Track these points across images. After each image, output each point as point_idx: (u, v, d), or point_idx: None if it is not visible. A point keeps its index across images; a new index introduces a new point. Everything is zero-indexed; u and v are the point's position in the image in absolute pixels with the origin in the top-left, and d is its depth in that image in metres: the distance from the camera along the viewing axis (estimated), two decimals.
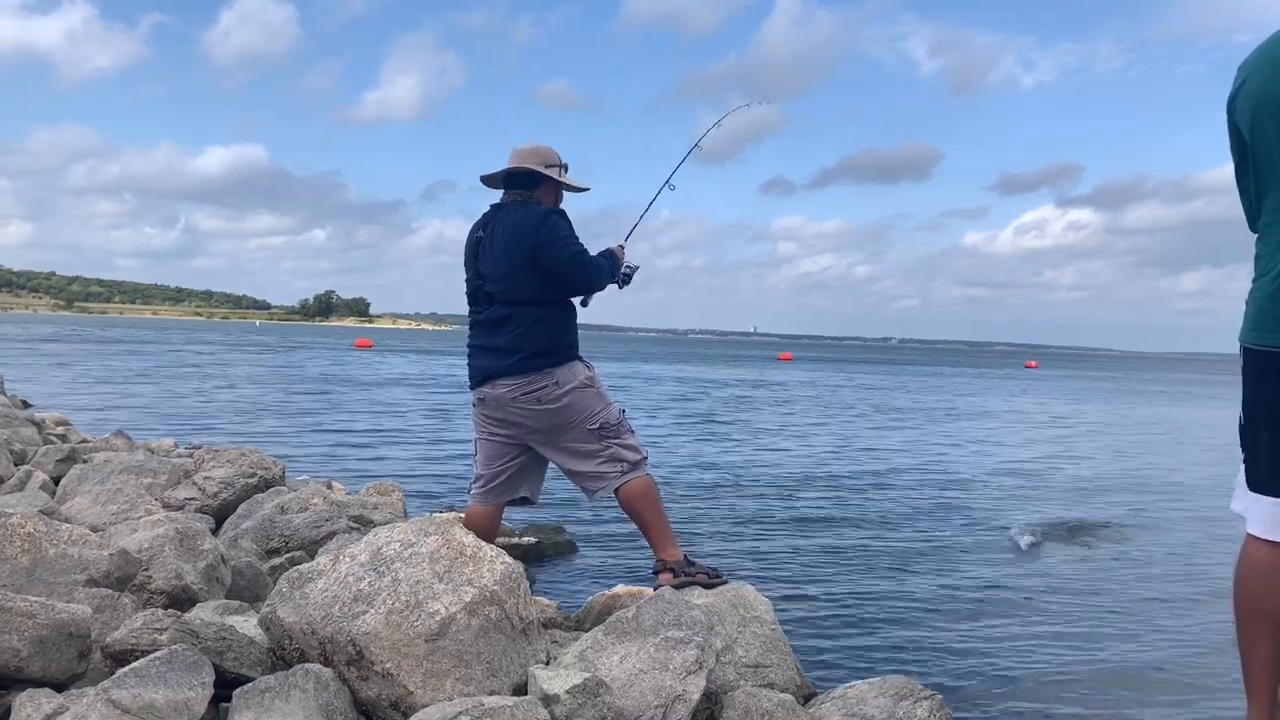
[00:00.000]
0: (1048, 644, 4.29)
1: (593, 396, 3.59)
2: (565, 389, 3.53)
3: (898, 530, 6.89)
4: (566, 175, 3.79)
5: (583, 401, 3.56)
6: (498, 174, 3.79)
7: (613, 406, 3.65)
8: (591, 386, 3.60)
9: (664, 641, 2.67)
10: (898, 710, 2.64)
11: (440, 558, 2.63)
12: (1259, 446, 2.25)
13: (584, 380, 3.58)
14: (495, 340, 3.60)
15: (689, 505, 7.62)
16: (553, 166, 3.73)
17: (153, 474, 4.93)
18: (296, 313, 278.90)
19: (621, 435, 3.61)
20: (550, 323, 3.58)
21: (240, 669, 2.40)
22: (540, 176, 3.70)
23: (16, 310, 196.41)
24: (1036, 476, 10.28)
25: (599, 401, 3.60)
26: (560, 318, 3.62)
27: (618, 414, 3.65)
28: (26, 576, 2.83)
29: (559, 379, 3.53)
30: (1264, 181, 2.25)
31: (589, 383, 3.60)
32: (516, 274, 3.56)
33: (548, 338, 3.55)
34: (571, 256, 3.53)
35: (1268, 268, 2.24)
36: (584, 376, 3.59)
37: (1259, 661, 2.29)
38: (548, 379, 3.52)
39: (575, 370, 3.58)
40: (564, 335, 3.61)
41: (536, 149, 3.75)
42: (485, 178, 3.84)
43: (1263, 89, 2.18)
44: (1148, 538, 6.90)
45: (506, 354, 3.55)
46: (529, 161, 3.71)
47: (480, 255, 3.67)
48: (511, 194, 3.74)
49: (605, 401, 3.63)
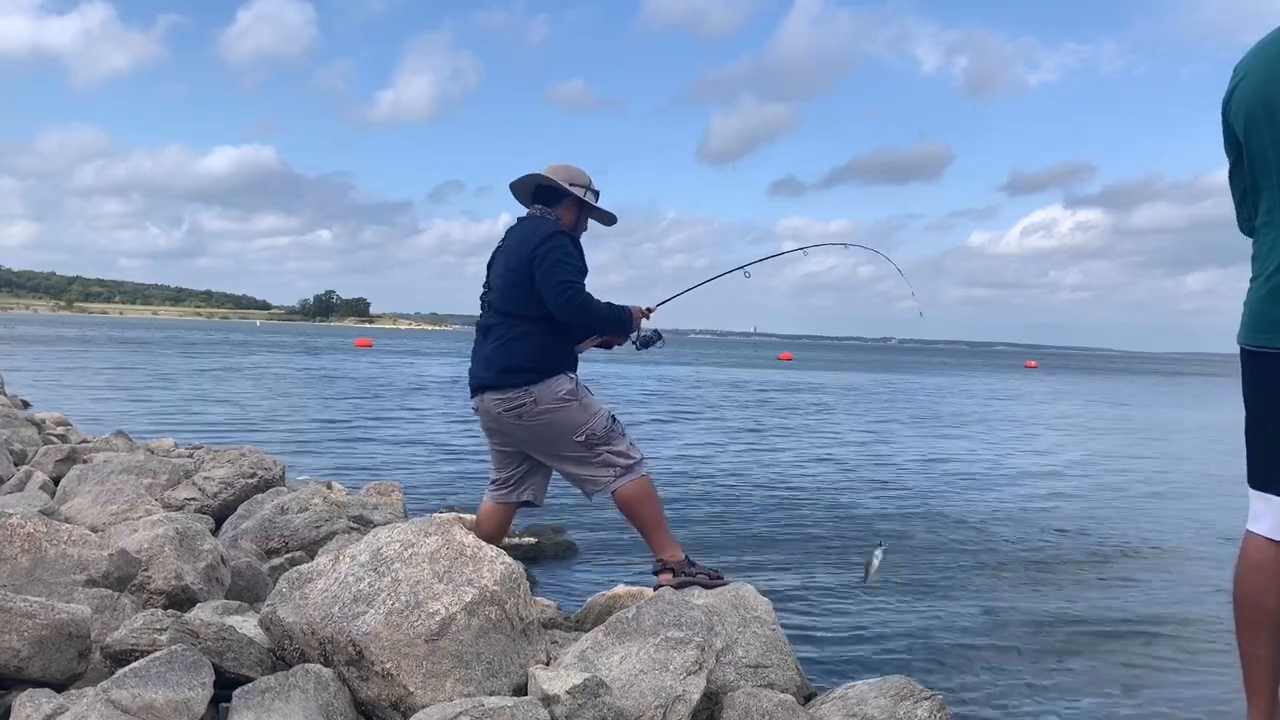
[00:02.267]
0: (1048, 645, 4.28)
1: (575, 410, 3.53)
2: (544, 406, 3.49)
3: (898, 531, 6.89)
4: (591, 197, 3.74)
5: (565, 416, 3.51)
6: (525, 185, 3.78)
7: (598, 416, 3.57)
8: (573, 400, 3.54)
9: (664, 642, 2.67)
10: (898, 710, 2.64)
11: (440, 558, 2.63)
12: (1259, 446, 2.26)
13: (564, 395, 3.52)
14: (483, 349, 3.62)
15: (689, 505, 7.63)
16: (578, 186, 3.71)
17: (152, 474, 4.93)
18: (297, 313, 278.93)
19: (611, 441, 3.56)
20: (535, 338, 3.52)
21: (240, 669, 2.40)
22: (562, 193, 3.69)
23: (16, 310, 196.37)
24: (1039, 478, 10.28)
25: (582, 414, 3.54)
26: (548, 334, 3.55)
27: (605, 422, 3.57)
28: (26, 577, 2.83)
29: (538, 397, 3.48)
30: (1258, 182, 2.25)
31: (570, 397, 3.53)
32: (511, 286, 3.56)
33: (529, 353, 3.51)
34: (558, 284, 3.44)
35: (1262, 269, 2.24)
36: (565, 391, 3.53)
37: (1259, 662, 2.29)
38: (527, 396, 3.48)
39: (555, 386, 3.52)
40: (548, 351, 3.54)
41: (567, 167, 3.76)
42: (512, 185, 3.84)
43: (1258, 89, 2.18)
44: (1150, 538, 6.89)
45: (490, 365, 3.57)
46: (556, 176, 3.71)
47: (493, 264, 3.71)
48: (534, 208, 3.75)
49: (590, 412, 3.56)
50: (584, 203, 3.75)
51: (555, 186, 3.70)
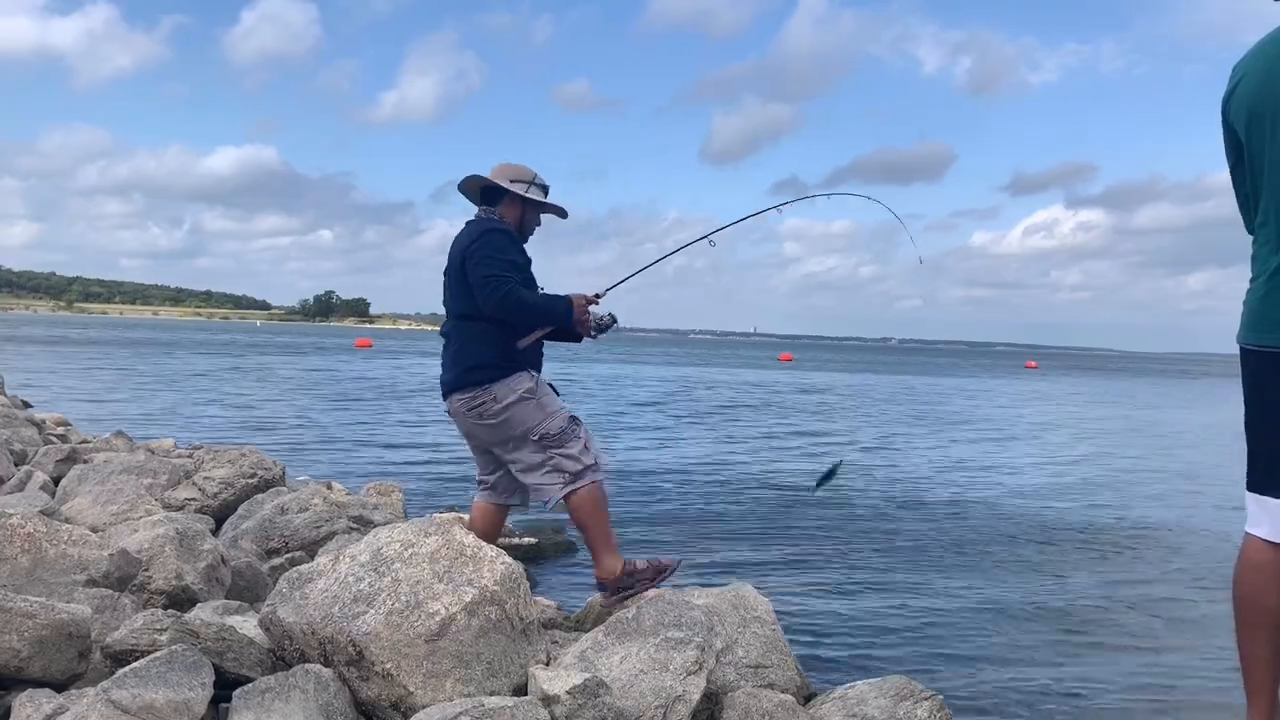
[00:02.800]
0: (1048, 645, 4.29)
1: (532, 409, 3.49)
2: (503, 404, 3.46)
3: (899, 531, 6.88)
4: (536, 193, 3.69)
5: (521, 415, 3.48)
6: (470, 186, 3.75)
7: (555, 417, 3.52)
8: (531, 399, 3.50)
9: (664, 642, 2.67)
10: (898, 711, 2.64)
11: (440, 558, 2.63)
12: (1260, 447, 2.26)
13: (523, 393, 3.49)
14: (447, 353, 3.62)
15: (689, 504, 7.63)
16: (519, 183, 3.66)
17: (153, 474, 4.94)
18: (296, 313, 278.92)
19: (564, 445, 3.49)
20: (491, 336, 3.49)
21: (240, 669, 2.40)
22: (501, 191, 3.65)
23: (16, 311, 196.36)
24: (1040, 479, 10.28)
25: (539, 413, 3.50)
26: (502, 331, 3.51)
27: (561, 424, 3.52)
28: (27, 577, 2.84)
29: (496, 394, 3.46)
30: (1258, 182, 2.25)
31: (529, 395, 3.50)
32: (455, 287, 3.56)
33: (485, 352, 3.49)
34: (484, 278, 3.41)
35: (1262, 269, 2.24)
36: (524, 389, 3.49)
37: (1259, 662, 2.28)
38: (486, 394, 3.47)
39: (515, 383, 3.49)
40: (503, 349, 3.50)
41: (507, 166, 3.71)
42: (460, 188, 3.80)
43: (1258, 89, 2.18)
44: (1150, 540, 6.89)
45: (452, 367, 3.56)
46: (497, 177, 3.67)
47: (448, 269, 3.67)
48: (481, 209, 3.73)
49: (546, 412, 3.52)
50: (526, 199, 3.69)
51: (496, 186, 3.67)
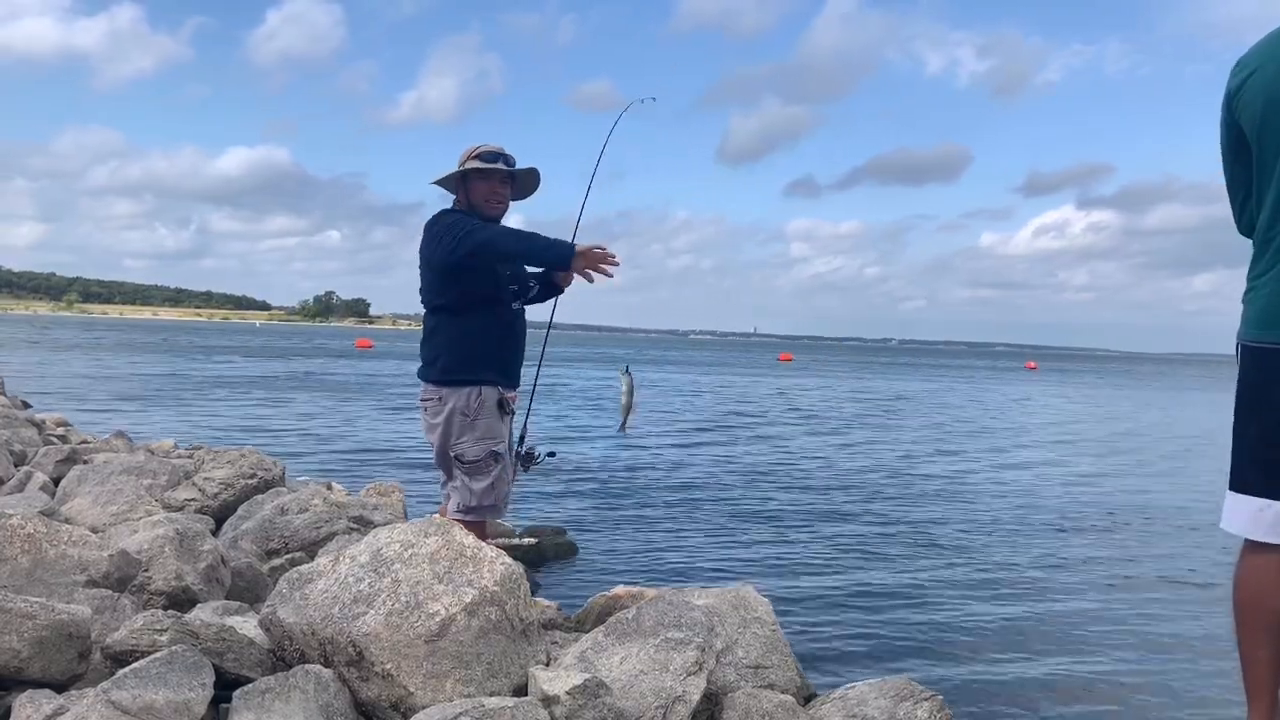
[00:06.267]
0: (1048, 646, 4.29)
1: (463, 427, 3.39)
2: (445, 408, 3.39)
3: (899, 533, 6.89)
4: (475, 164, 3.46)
5: (451, 428, 3.39)
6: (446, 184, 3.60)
7: (477, 445, 3.39)
8: (466, 417, 3.39)
9: (664, 642, 2.67)
10: (898, 711, 2.64)
11: (440, 559, 2.63)
12: (1263, 448, 2.23)
13: (462, 408, 3.38)
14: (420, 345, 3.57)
15: (690, 504, 7.63)
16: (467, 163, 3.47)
17: (153, 475, 4.93)
18: (296, 313, 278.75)
19: (475, 476, 3.39)
20: (443, 332, 3.43)
21: (240, 670, 2.40)
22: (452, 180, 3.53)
23: (16, 311, 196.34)
24: (1040, 481, 10.28)
25: (467, 434, 3.38)
26: (453, 326, 3.42)
27: (478, 454, 3.39)
28: (26, 577, 2.83)
29: (442, 396, 3.40)
30: (1265, 179, 2.21)
31: (466, 412, 3.38)
32: (421, 279, 3.50)
33: (439, 348, 3.42)
34: (438, 232, 3.30)
35: (1269, 266, 2.21)
36: (465, 405, 3.38)
37: (1259, 663, 2.28)
38: (435, 394, 3.41)
39: (460, 395, 3.38)
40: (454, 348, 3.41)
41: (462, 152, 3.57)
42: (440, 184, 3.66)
43: (1271, 82, 2.13)
44: (1151, 541, 6.90)
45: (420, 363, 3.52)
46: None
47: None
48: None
49: (474, 436, 3.39)
50: (467, 173, 3.49)
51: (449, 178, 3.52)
